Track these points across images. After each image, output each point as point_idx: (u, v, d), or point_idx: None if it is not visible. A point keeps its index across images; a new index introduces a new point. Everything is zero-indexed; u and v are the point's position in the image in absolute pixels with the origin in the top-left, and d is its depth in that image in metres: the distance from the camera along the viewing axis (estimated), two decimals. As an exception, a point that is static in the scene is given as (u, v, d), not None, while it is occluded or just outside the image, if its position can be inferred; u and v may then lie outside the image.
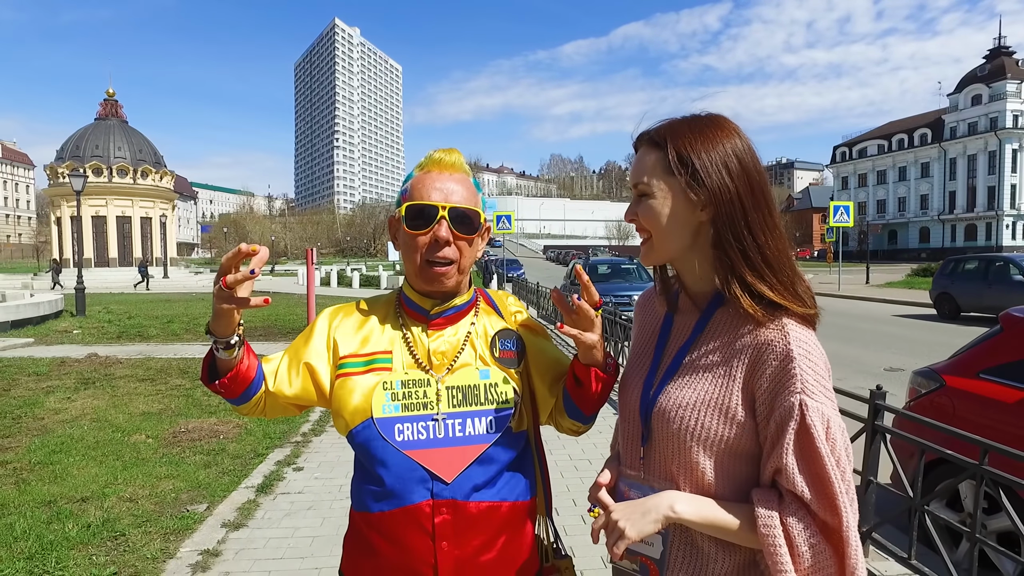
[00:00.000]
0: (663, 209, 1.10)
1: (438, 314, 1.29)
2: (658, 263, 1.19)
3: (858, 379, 8.29)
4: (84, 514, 4.02)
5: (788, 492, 1.00)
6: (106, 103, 45.38)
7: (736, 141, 1.10)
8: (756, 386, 1.03)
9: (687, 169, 1.07)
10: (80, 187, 18.69)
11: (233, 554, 3.52)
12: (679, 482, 1.09)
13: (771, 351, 1.02)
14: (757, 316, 1.04)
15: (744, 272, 1.06)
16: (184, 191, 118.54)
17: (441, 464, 1.21)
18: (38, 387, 8.06)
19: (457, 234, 1.24)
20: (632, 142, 1.18)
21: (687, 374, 1.11)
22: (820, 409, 0.98)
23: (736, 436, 1.04)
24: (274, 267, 58.87)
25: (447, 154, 1.29)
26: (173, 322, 15.50)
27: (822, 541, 0.98)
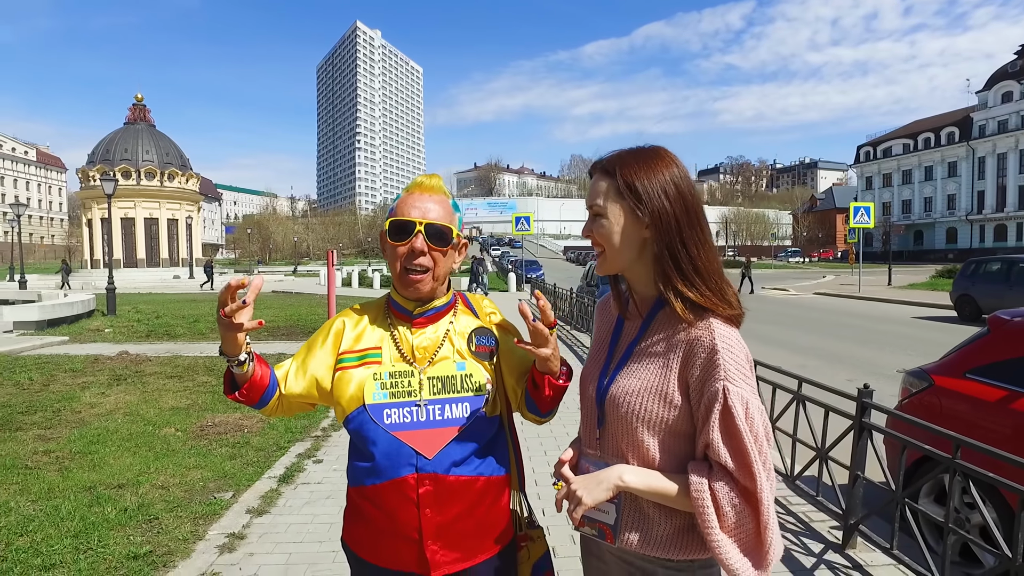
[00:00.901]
0: (614, 227, 1.31)
1: (420, 314, 1.52)
2: (610, 273, 1.40)
3: (869, 380, 8.31)
4: (121, 499, 4.32)
5: (715, 463, 1.21)
6: (135, 107, 46.52)
7: (674, 170, 1.30)
8: (689, 375, 1.24)
9: (633, 193, 1.28)
10: (111, 190, 19.30)
11: (257, 537, 3.78)
12: (628, 458, 1.30)
13: (700, 345, 1.23)
14: (686, 318, 1.25)
15: (677, 281, 1.27)
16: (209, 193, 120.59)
17: (423, 443, 1.43)
18: (74, 383, 8.47)
19: (432, 246, 1.46)
20: (587, 171, 1.40)
21: (633, 366, 1.32)
22: (740, 393, 1.19)
23: (674, 418, 1.25)
24: (296, 268, 59.73)
25: (428, 178, 1.54)
26: (199, 322, 15.97)
27: (742, 503, 1.19)
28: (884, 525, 3.62)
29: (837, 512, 3.71)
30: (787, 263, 68.39)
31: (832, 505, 3.83)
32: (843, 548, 3.54)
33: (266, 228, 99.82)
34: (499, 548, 1.51)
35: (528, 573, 1.58)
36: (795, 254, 76.37)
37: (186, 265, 44.02)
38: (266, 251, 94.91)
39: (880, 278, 32.70)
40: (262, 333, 14.28)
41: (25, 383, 8.46)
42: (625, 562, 1.34)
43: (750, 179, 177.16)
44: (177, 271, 42.58)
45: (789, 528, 3.84)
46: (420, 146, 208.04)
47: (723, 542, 1.19)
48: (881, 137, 73.99)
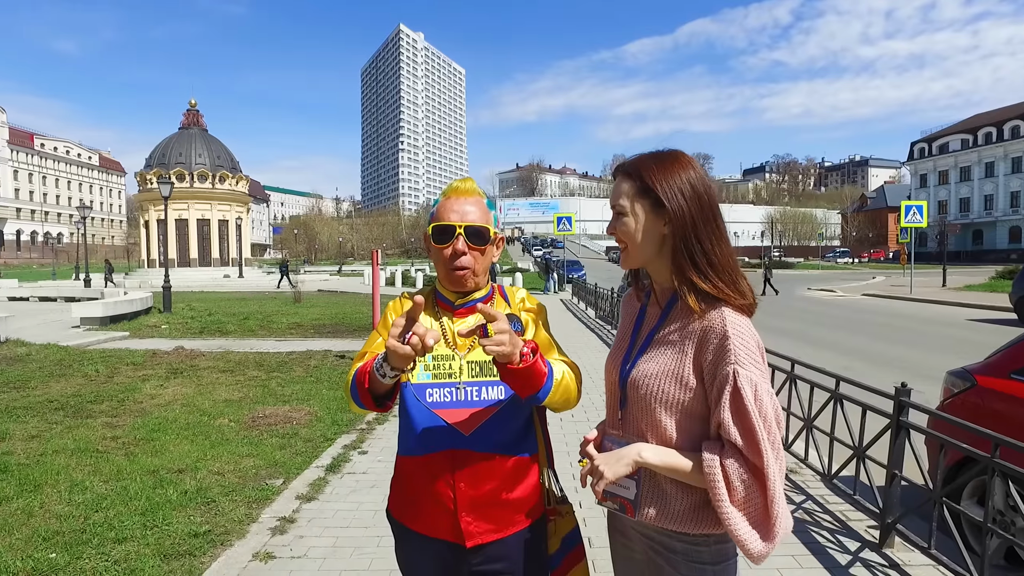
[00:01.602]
0: (636, 225, 1.43)
1: (461, 305, 1.66)
2: (633, 267, 1.52)
3: (916, 382, 8.09)
4: (181, 483, 4.61)
5: (726, 441, 1.32)
6: (188, 113, 48.32)
7: (691, 172, 1.42)
8: (703, 360, 1.35)
9: (652, 193, 1.40)
10: (167, 193, 20.18)
11: (306, 522, 4.00)
12: (647, 437, 1.42)
13: (712, 332, 1.34)
14: (697, 308, 1.36)
15: (691, 274, 1.38)
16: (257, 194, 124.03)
17: (461, 421, 1.57)
18: (135, 375, 8.95)
19: (472, 246, 1.59)
20: (611, 172, 1.51)
21: (652, 352, 1.44)
22: (749, 376, 1.30)
23: (689, 399, 1.37)
24: (341, 268, 61.01)
25: (463, 183, 1.68)
26: (249, 319, 16.56)
27: (751, 478, 1.29)
28: (924, 525, 3.60)
29: (874, 511, 3.70)
30: (835, 264, 66.54)
31: (869, 504, 3.82)
32: (880, 547, 3.53)
33: (312, 229, 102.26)
34: (529, 521, 1.63)
35: (557, 545, 1.70)
36: (843, 254, 74.20)
37: (235, 264, 45.47)
38: (312, 251, 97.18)
39: (934, 279, 31.54)
40: (308, 330, 14.75)
41: (92, 375, 8.98)
42: (646, 537, 1.45)
43: (797, 178, 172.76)
44: (227, 270, 44.01)
45: (825, 526, 3.85)
46: (462, 147, 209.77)
47: (733, 515, 1.29)
48: (937, 133, 71.22)
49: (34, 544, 3.62)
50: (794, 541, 3.64)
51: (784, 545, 3.59)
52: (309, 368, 9.52)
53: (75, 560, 3.43)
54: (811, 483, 4.58)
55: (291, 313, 18.58)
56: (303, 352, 11.13)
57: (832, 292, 28.24)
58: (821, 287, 30.96)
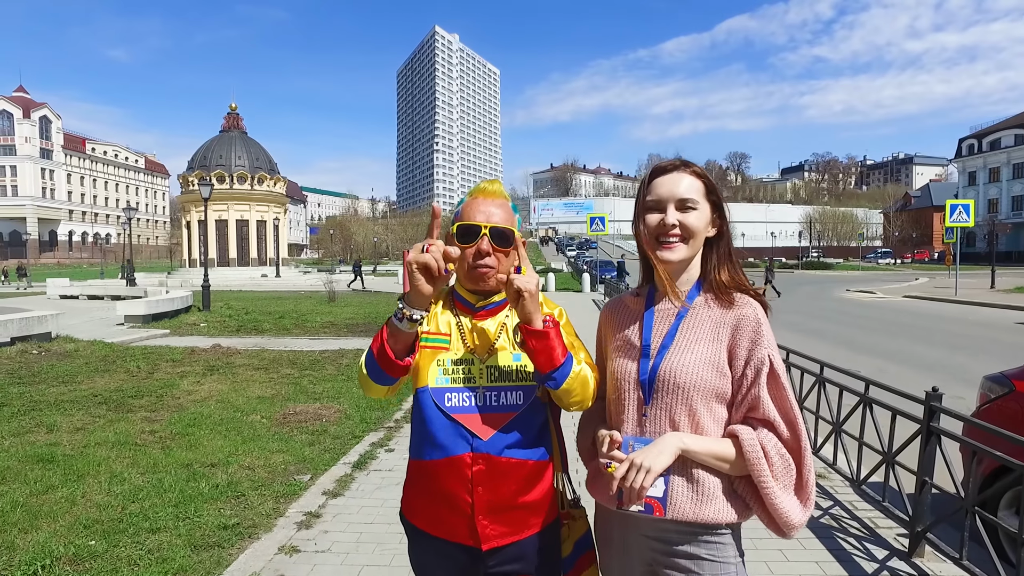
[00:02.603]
0: (702, 221, 1.52)
1: (482, 307, 1.66)
2: (683, 260, 1.54)
3: (957, 387, 7.88)
4: (213, 476, 4.75)
5: (761, 421, 1.43)
6: (229, 116, 49.52)
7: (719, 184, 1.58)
8: (736, 345, 1.46)
9: (714, 197, 1.54)
10: (208, 195, 20.73)
11: (332, 517, 4.08)
12: (680, 426, 1.47)
13: (747, 320, 1.47)
14: (732, 297, 1.51)
15: (729, 267, 1.55)
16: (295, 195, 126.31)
17: (480, 425, 1.57)
18: (174, 371, 9.24)
19: (496, 247, 1.60)
20: (670, 168, 1.56)
21: (683, 343, 1.50)
22: (779, 359, 1.44)
23: (722, 384, 1.46)
24: (376, 267, 61.80)
25: (490, 184, 1.69)
26: (284, 318, 16.91)
27: (787, 452, 1.41)
28: (955, 534, 3.49)
29: (904, 519, 3.61)
30: (876, 264, 64.70)
31: (899, 511, 3.73)
32: (909, 556, 3.45)
33: (347, 229, 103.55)
34: (544, 525, 1.64)
35: (570, 549, 1.71)
36: (885, 255, 72.06)
37: (273, 264, 46.44)
38: (347, 251, 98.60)
39: (982, 280, 30.43)
40: (342, 329, 14.99)
41: (134, 371, 9.31)
42: (662, 544, 1.47)
43: (837, 177, 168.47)
44: (265, 270, 44.96)
45: (853, 533, 3.77)
46: (497, 147, 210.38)
47: (775, 488, 1.39)
48: (987, 128, 68.56)
49: (76, 531, 3.78)
50: (819, 547, 3.57)
51: (809, 551, 3.53)
52: (341, 367, 9.69)
53: (112, 548, 3.58)
54: (839, 488, 4.49)
55: (325, 312, 18.91)
56: (335, 351, 11.33)
57: (872, 294, 27.48)
58: (860, 288, 30.16)
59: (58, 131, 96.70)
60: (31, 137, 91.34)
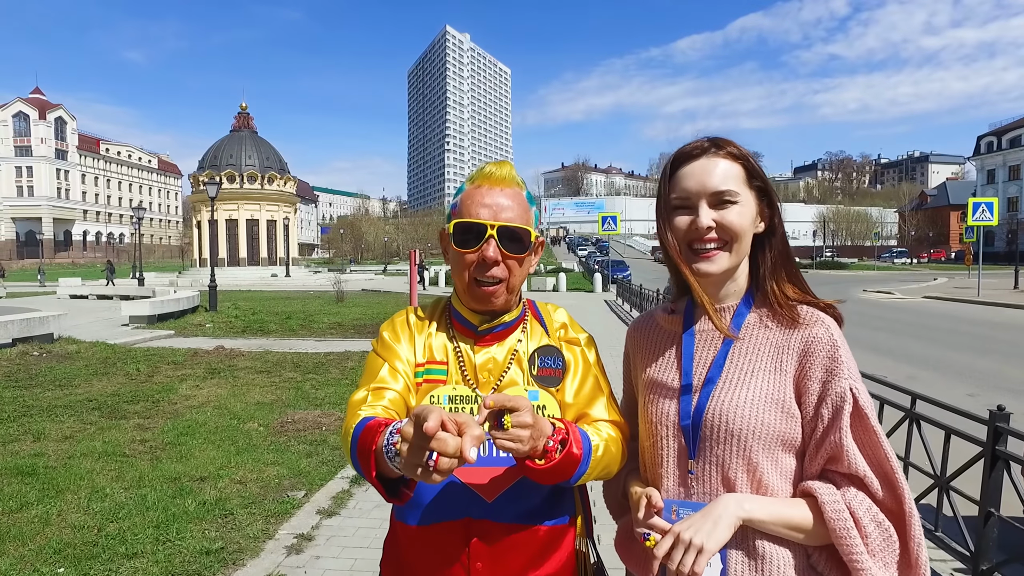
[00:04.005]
0: (746, 216, 1.14)
1: (486, 331, 1.28)
2: (727, 273, 1.17)
3: (995, 396, 7.46)
4: (201, 492, 4.43)
5: (846, 476, 1.06)
6: (239, 116, 49.58)
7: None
8: (805, 377, 1.09)
9: (763, 181, 1.17)
10: (214, 194, 20.56)
11: (325, 540, 3.75)
12: (737, 485, 1.10)
13: (818, 343, 1.09)
14: (796, 313, 1.13)
15: (786, 277, 1.17)
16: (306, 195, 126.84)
17: (483, 484, 1.20)
18: (174, 374, 8.97)
19: (506, 253, 1.21)
20: (696, 152, 1.16)
21: (734, 378, 1.13)
22: (865, 393, 1.06)
23: (790, 429, 1.09)
24: (386, 267, 61.73)
25: (498, 167, 1.26)
26: (291, 318, 16.66)
27: (885, 519, 1.03)
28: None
29: (964, 553, 3.21)
30: (892, 264, 63.76)
31: (956, 544, 3.33)
32: (969, 594, 3.06)
33: (358, 228, 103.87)
34: None
35: None
36: (901, 255, 70.99)
37: (283, 264, 46.41)
38: (358, 251, 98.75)
39: (1003, 281, 29.70)
40: (349, 330, 14.71)
41: (133, 373, 9.05)
42: None
43: (851, 175, 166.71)
44: (275, 269, 44.93)
45: (901, 566, 3.37)
46: (508, 147, 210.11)
47: (872, 569, 1.02)
48: (1008, 125, 67.26)
49: (44, 557, 3.46)
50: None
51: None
52: (345, 370, 9.38)
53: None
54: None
55: (333, 313, 18.66)
56: (341, 353, 11.03)
57: (890, 294, 26.85)
58: (878, 289, 29.51)
59: (73, 132, 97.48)
60: (47, 138, 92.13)
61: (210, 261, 23.01)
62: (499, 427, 1.03)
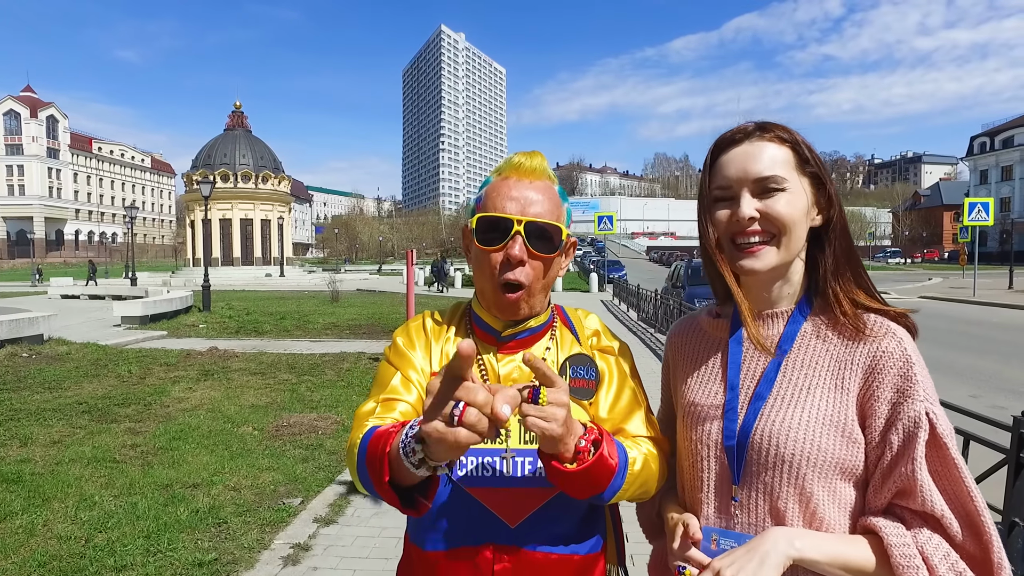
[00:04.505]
0: (797, 206, 1.01)
1: (510, 337, 1.17)
2: (776, 271, 1.04)
3: (997, 397, 7.40)
4: (194, 500, 4.29)
5: (918, 514, 0.91)
6: (233, 115, 49.26)
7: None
8: (871, 397, 0.96)
9: (818, 168, 1.04)
10: (208, 193, 20.33)
11: (322, 549, 3.62)
12: (787, 518, 0.97)
13: (888, 358, 0.96)
14: (862, 322, 0.99)
15: (850, 280, 1.04)
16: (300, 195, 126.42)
17: (506, 506, 1.09)
18: (167, 376, 8.81)
19: (534, 252, 1.09)
20: (739, 137, 1.04)
21: (786, 395, 1.00)
22: (944, 418, 0.92)
23: (851, 456, 0.96)
24: (381, 267, 61.54)
25: (528, 158, 1.14)
26: (285, 319, 16.49)
27: (966, 568, 0.87)
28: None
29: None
30: (886, 264, 63.97)
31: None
32: (990, 606, 2.95)
33: (353, 228, 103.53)
34: None
35: None
36: (894, 255, 71.30)
37: (277, 264, 46.17)
38: (353, 250, 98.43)
39: (998, 281, 29.78)
40: (344, 331, 14.56)
41: (125, 375, 8.88)
42: None
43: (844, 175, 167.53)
44: (269, 269, 44.70)
45: None
46: (503, 147, 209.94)
47: None
48: (1001, 126, 67.64)
49: (28, 570, 3.32)
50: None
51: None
52: (341, 372, 9.24)
53: (68, 590, 3.12)
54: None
55: (328, 313, 18.49)
56: (336, 354, 10.89)
57: (886, 294, 26.86)
58: (875, 289, 29.50)
59: (65, 131, 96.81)
60: (38, 136, 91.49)
61: (204, 261, 22.81)
62: (534, 400, 0.91)
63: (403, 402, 1.12)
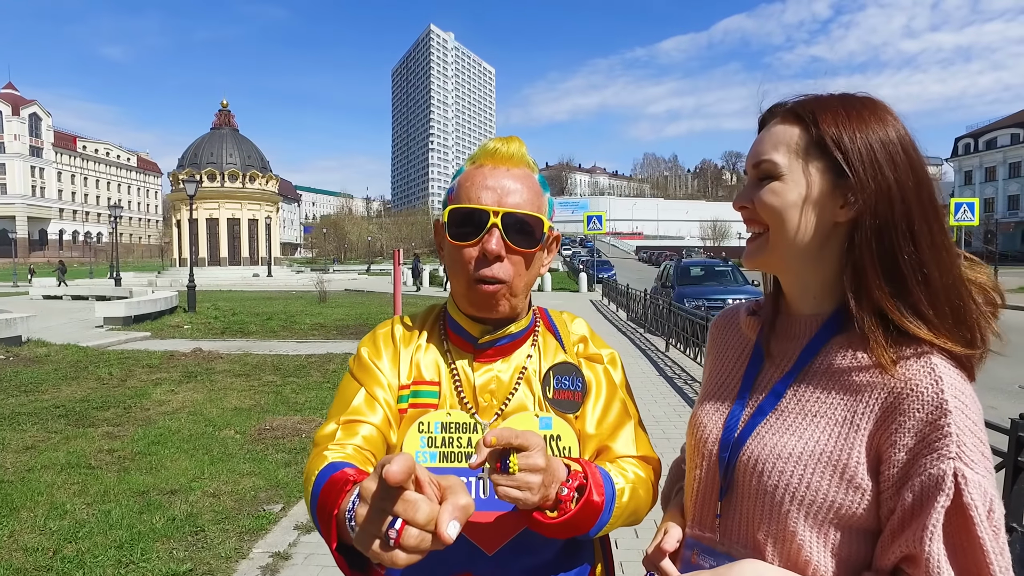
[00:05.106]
0: (792, 196, 0.86)
1: (488, 344, 1.06)
2: (767, 268, 0.94)
3: (989, 397, 7.39)
4: (171, 507, 4.15)
5: None
6: (220, 113, 48.79)
7: (900, 129, 0.86)
8: (886, 441, 0.78)
9: (838, 151, 0.83)
10: (193, 192, 20.06)
11: (302, 558, 3.50)
12: (765, 553, 0.85)
13: (915, 397, 0.77)
14: (885, 358, 0.79)
15: (888, 298, 0.81)
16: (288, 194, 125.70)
17: (482, 531, 0.99)
18: (149, 378, 8.62)
19: (512, 247, 0.99)
20: (759, 116, 0.94)
21: (789, 416, 0.87)
22: (982, 484, 0.72)
23: (850, 503, 0.79)
24: (370, 267, 61.25)
25: (505, 143, 1.04)
26: (272, 319, 16.29)
27: None
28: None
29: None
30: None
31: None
32: (988, 613, 2.88)
33: (342, 228, 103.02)
34: None
35: None
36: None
37: (265, 264, 45.79)
38: (341, 250, 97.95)
39: (984, 281, 29.95)
40: (331, 331, 14.39)
41: (105, 378, 8.69)
42: None
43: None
44: (256, 269, 44.30)
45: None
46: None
47: None
48: (984, 127, 68.44)
49: (-7, 583, 3.18)
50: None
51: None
52: (327, 373, 9.09)
53: (34, 605, 2.99)
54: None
55: (315, 313, 18.30)
56: (323, 355, 10.73)
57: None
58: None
59: (48, 129, 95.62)
60: (20, 135, 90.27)
61: (189, 260, 22.54)
62: (502, 470, 0.82)
63: (367, 424, 1.01)
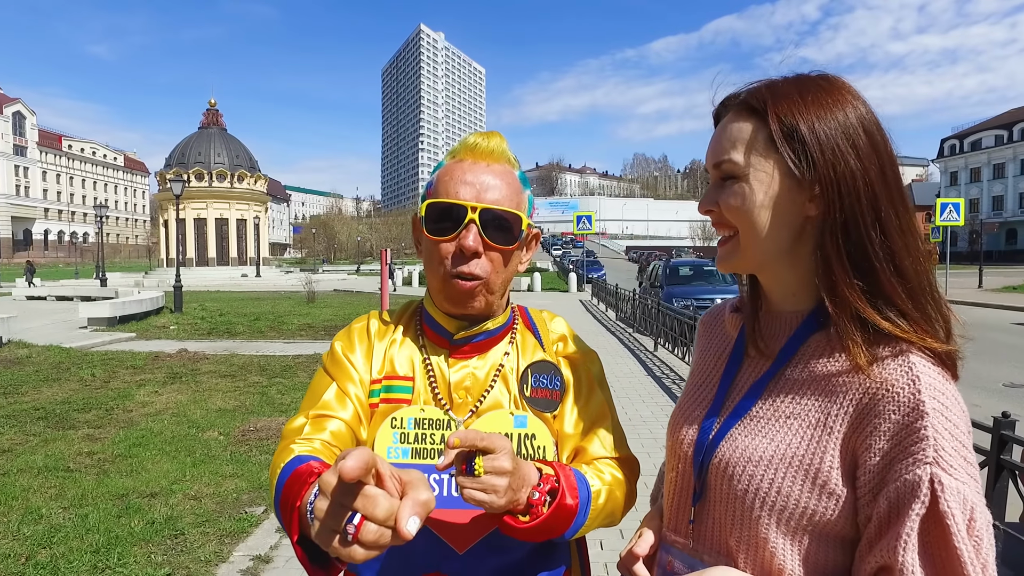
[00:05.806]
0: (758, 196, 0.81)
1: (464, 340, 1.04)
2: (743, 271, 0.90)
3: (973, 395, 7.44)
4: (151, 510, 4.09)
5: None
6: (208, 113, 48.49)
7: (861, 110, 0.81)
8: (862, 445, 0.74)
9: (797, 143, 0.78)
10: (179, 191, 19.87)
11: (284, 561, 3.45)
12: (737, 560, 0.81)
13: (890, 399, 0.73)
14: (862, 357, 0.75)
15: (857, 293, 0.77)
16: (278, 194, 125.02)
17: (453, 530, 0.97)
18: (132, 380, 8.51)
19: (490, 243, 0.98)
20: (712, 109, 0.90)
21: (763, 418, 0.83)
22: (961, 491, 0.67)
23: (825, 511, 0.76)
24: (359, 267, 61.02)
25: (485, 138, 1.02)
26: (259, 320, 16.17)
27: None
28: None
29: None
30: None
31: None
32: (971, 612, 2.88)
33: (331, 228, 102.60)
34: None
35: None
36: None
37: (253, 264, 45.51)
38: (331, 250, 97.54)
39: (967, 280, 30.35)
40: (319, 332, 14.29)
41: (88, 379, 8.57)
42: None
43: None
44: (245, 269, 44.03)
45: None
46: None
47: None
48: (969, 129, 69.12)
49: (-36, 590, 3.11)
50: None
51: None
52: (314, 374, 9.01)
53: (6, 612, 2.92)
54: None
55: (303, 313, 18.19)
56: (310, 355, 10.66)
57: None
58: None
59: (33, 127, 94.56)
60: (4, 134, 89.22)
61: (176, 261, 22.33)
62: (468, 472, 0.80)
63: (336, 419, 1.00)
